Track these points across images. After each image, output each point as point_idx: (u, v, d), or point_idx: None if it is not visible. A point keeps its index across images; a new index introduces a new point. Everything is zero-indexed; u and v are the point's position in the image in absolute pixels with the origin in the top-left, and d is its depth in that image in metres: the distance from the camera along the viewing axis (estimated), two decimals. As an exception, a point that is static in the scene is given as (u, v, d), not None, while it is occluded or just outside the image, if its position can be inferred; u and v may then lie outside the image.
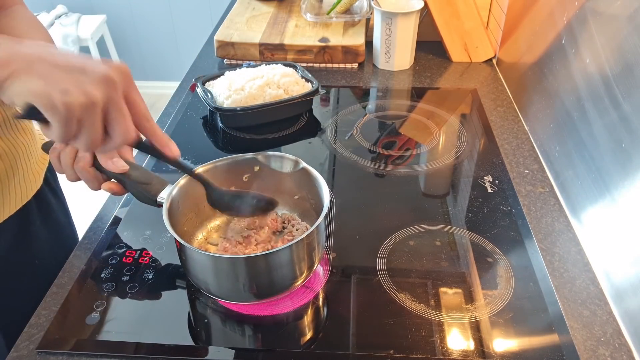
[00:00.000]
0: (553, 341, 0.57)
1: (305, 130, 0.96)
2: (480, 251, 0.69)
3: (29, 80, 0.43)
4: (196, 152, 0.89)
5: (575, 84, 0.74)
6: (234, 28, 1.21)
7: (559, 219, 0.74)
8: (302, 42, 1.15)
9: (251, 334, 0.60)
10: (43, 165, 0.81)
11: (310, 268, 0.61)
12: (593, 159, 0.68)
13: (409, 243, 0.70)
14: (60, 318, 0.60)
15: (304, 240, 0.57)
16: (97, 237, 0.72)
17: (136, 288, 0.64)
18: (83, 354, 0.57)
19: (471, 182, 0.81)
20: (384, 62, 1.16)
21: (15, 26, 0.70)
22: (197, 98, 1.03)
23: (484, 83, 1.10)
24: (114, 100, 0.46)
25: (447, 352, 0.56)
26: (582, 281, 0.65)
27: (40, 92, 0.43)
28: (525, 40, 0.98)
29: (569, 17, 0.78)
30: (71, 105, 0.43)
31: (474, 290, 0.63)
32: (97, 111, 0.45)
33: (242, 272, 0.57)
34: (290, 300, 0.63)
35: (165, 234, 0.71)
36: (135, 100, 0.49)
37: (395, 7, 1.11)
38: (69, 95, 0.43)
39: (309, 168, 0.66)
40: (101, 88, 0.44)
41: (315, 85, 0.97)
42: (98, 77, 0.44)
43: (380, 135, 0.95)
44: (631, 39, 0.60)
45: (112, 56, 2.84)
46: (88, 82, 0.44)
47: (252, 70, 0.99)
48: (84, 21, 2.69)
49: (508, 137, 0.92)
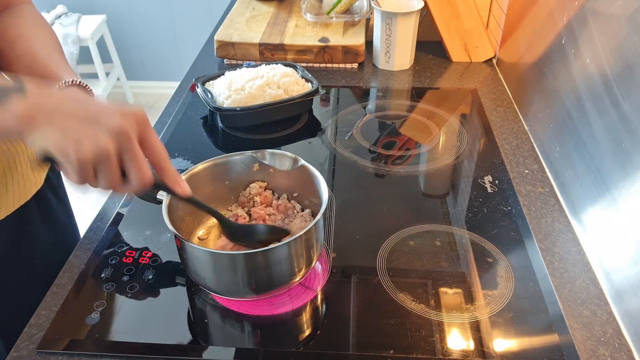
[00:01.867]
0: (553, 341, 0.57)
1: (305, 130, 0.96)
2: (480, 251, 0.69)
3: (48, 131, 0.47)
4: (196, 152, 0.89)
5: (575, 84, 0.74)
6: (234, 28, 1.21)
7: (559, 219, 0.74)
8: (302, 42, 1.15)
9: (251, 334, 0.60)
10: (44, 165, 0.81)
11: (308, 265, 0.61)
12: (593, 159, 0.68)
13: (409, 243, 0.70)
14: (60, 318, 0.60)
15: (303, 237, 0.57)
16: (97, 237, 0.72)
17: (136, 288, 0.64)
18: (83, 354, 0.57)
19: (471, 182, 0.81)
20: (384, 62, 1.16)
21: (21, 24, 0.70)
22: (197, 98, 1.03)
23: (484, 83, 1.10)
24: (128, 148, 0.48)
25: (447, 352, 0.56)
26: (582, 281, 0.65)
27: (56, 143, 0.46)
28: (525, 40, 0.98)
29: (569, 17, 0.78)
30: (83, 156, 0.46)
31: (474, 290, 0.63)
32: (110, 160, 0.48)
33: (241, 268, 0.57)
34: (290, 300, 0.63)
35: (165, 233, 0.71)
36: (151, 142, 0.51)
37: (395, 7, 1.11)
38: (82, 147, 0.46)
39: (307, 165, 0.66)
40: (114, 138, 0.47)
41: (315, 85, 0.97)
42: (111, 128, 0.47)
43: (380, 135, 0.95)
44: (631, 39, 0.60)
45: (112, 56, 2.84)
46: (102, 133, 0.47)
47: (252, 70, 0.99)
48: (84, 21, 2.69)
49: (508, 137, 0.92)
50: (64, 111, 0.47)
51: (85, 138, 0.46)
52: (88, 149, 0.46)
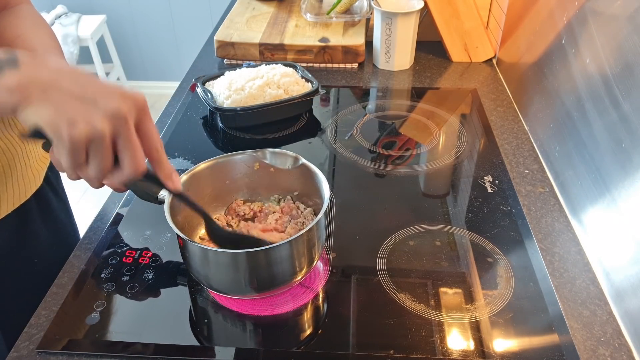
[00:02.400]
0: (553, 341, 0.57)
1: (305, 130, 0.96)
2: (480, 251, 0.69)
3: (41, 107, 0.44)
4: (196, 152, 0.89)
5: (575, 84, 0.74)
6: (234, 28, 1.21)
7: (559, 219, 0.74)
8: (302, 42, 1.15)
9: (251, 334, 0.60)
10: (44, 164, 0.81)
11: (310, 264, 0.61)
12: (593, 159, 0.68)
13: (409, 243, 0.70)
14: (60, 318, 0.60)
15: (304, 236, 0.57)
16: (98, 237, 0.72)
17: (136, 288, 0.64)
18: (83, 354, 0.57)
19: (471, 182, 0.81)
20: (384, 62, 1.16)
21: (20, 24, 0.70)
22: (197, 98, 1.03)
23: (484, 83, 1.10)
24: (123, 133, 0.46)
25: (447, 352, 0.56)
26: (582, 281, 0.65)
27: (49, 120, 0.44)
28: (525, 40, 0.98)
29: (569, 17, 0.78)
30: (77, 136, 0.44)
31: (474, 290, 0.63)
32: (104, 144, 0.45)
33: (242, 266, 0.57)
34: (291, 300, 0.63)
35: (165, 233, 0.71)
36: (148, 130, 0.49)
37: (395, 7, 1.11)
38: (76, 126, 0.44)
39: (308, 164, 0.66)
40: (110, 121, 0.45)
41: (315, 85, 0.97)
42: (108, 110, 0.45)
43: (380, 135, 0.95)
44: (631, 39, 0.60)
45: (112, 56, 2.84)
46: (98, 114, 0.45)
47: (252, 70, 0.99)
48: (84, 21, 2.69)
49: (508, 137, 0.92)
50: (59, 87, 0.45)
51: (80, 117, 0.44)
52: (82, 129, 0.44)
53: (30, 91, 0.44)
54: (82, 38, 2.61)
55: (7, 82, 0.44)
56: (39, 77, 0.45)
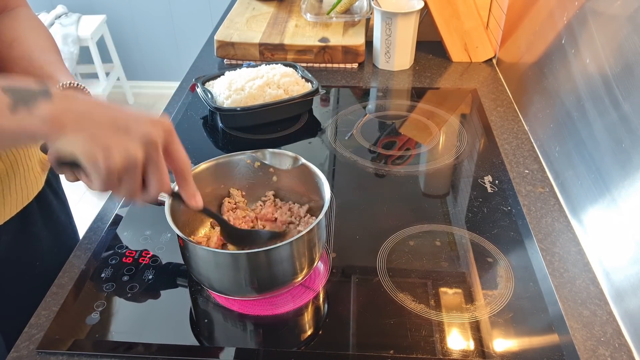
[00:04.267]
0: (553, 341, 0.57)
1: (305, 130, 0.96)
2: (480, 251, 0.69)
3: (76, 137, 0.46)
4: (196, 152, 0.89)
5: (575, 84, 0.74)
6: (234, 28, 1.21)
7: (559, 219, 0.74)
8: (302, 42, 1.15)
9: (252, 334, 0.60)
10: (45, 166, 0.81)
11: (310, 265, 0.61)
12: (593, 159, 0.68)
13: (409, 243, 0.70)
14: (61, 318, 0.60)
15: (305, 237, 0.57)
16: (97, 237, 0.72)
17: (136, 288, 0.64)
18: (83, 354, 0.57)
19: (471, 182, 0.81)
20: (384, 62, 1.16)
21: (18, 27, 0.70)
22: (197, 98, 1.03)
23: (484, 83, 1.10)
24: (154, 158, 0.48)
25: (447, 352, 0.56)
26: (582, 281, 0.65)
27: (85, 150, 0.45)
28: (525, 40, 0.98)
29: (569, 17, 0.78)
30: (113, 165, 0.46)
31: (474, 290, 0.63)
32: (137, 170, 0.47)
33: (243, 267, 0.57)
34: (291, 300, 0.63)
35: (165, 234, 0.71)
36: (175, 151, 0.51)
37: (395, 7, 1.11)
38: (111, 155, 0.46)
39: (308, 164, 0.66)
40: (142, 148, 0.47)
41: (315, 85, 0.97)
42: (141, 137, 0.47)
43: (380, 135, 0.95)
44: (631, 39, 0.60)
45: (112, 56, 2.84)
46: (131, 142, 0.46)
47: (252, 70, 0.99)
48: (84, 21, 2.69)
49: (508, 137, 0.92)
50: (92, 117, 0.47)
51: (115, 146, 0.46)
52: (118, 158, 0.46)
53: (65, 121, 0.45)
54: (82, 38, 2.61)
55: (41, 113, 0.45)
56: (72, 108, 0.47)
